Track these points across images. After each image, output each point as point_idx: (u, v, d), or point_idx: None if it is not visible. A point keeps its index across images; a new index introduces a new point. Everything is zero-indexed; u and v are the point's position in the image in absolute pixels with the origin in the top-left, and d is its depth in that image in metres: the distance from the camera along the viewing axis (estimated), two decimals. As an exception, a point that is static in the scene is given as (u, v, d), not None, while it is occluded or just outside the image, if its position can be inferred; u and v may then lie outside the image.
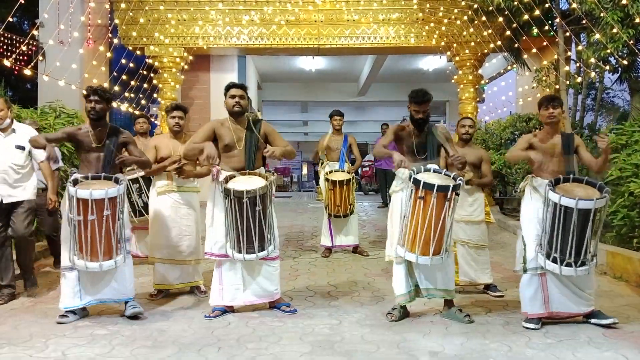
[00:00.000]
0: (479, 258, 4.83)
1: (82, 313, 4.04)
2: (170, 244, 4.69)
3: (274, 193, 4.29)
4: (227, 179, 4.00)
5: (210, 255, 4.18)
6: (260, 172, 4.12)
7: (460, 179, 3.87)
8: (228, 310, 4.17)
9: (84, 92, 4.17)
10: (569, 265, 3.67)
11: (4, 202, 4.45)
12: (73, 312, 3.98)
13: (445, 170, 4.05)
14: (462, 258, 4.81)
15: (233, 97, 4.19)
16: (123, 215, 3.96)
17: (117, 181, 3.91)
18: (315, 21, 10.45)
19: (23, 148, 4.51)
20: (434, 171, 3.96)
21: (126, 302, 4.06)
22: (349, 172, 6.61)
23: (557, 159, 4.05)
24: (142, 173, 5.51)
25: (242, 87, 4.27)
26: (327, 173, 6.61)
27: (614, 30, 7.14)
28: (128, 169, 5.51)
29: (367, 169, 16.16)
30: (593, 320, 3.86)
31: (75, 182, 3.85)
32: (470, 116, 5.14)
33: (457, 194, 3.84)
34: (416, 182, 3.79)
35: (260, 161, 4.27)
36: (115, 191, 3.80)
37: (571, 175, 3.87)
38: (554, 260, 3.71)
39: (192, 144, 4.14)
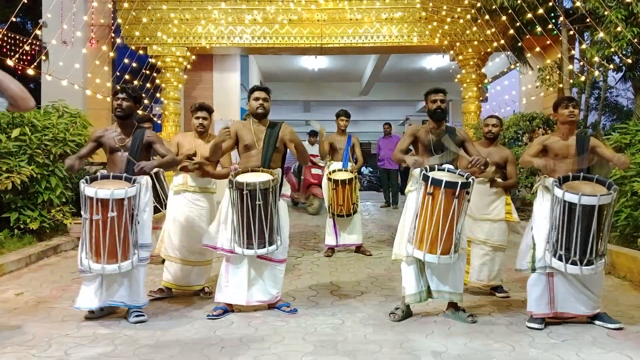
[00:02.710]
0: (495, 259, 4.75)
1: (101, 312, 4.03)
2: (183, 245, 4.67)
3: (287, 194, 4.31)
4: (237, 173, 4.06)
5: (221, 250, 4.19)
6: (272, 171, 4.13)
7: (472, 178, 3.84)
8: (229, 309, 4.17)
9: (116, 88, 4.13)
10: (574, 263, 3.65)
11: None
12: (92, 310, 3.98)
13: (459, 170, 4.02)
14: (478, 259, 4.75)
15: (257, 99, 4.27)
16: (135, 219, 3.85)
17: (127, 180, 3.85)
18: (318, 20, 10.44)
19: None
20: (448, 170, 3.95)
21: (130, 308, 4.00)
22: (352, 172, 6.61)
23: (571, 160, 4.00)
24: None
25: (266, 90, 4.34)
26: (329, 172, 6.62)
27: (618, 29, 7.11)
28: None
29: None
30: (598, 323, 3.84)
31: (93, 180, 3.82)
32: (496, 114, 5.06)
33: (467, 193, 3.82)
34: (425, 179, 3.79)
35: (277, 163, 4.29)
36: (122, 192, 3.71)
37: (581, 174, 3.85)
38: (560, 258, 3.69)
39: (212, 144, 4.26)
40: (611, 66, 8.02)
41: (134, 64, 9.66)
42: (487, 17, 8.94)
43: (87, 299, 3.93)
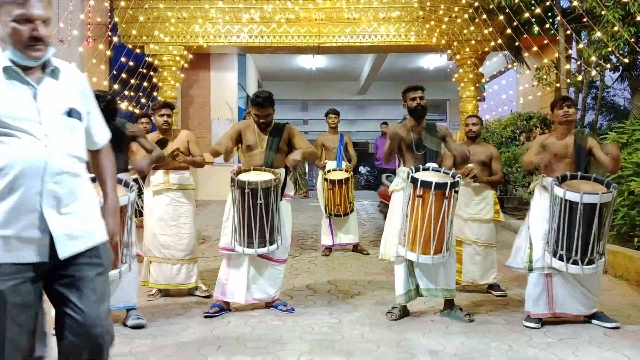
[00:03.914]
0: (487, 257, 4.78)
1: None
2: (168, 244, 4.66)
3: (290, 194, 4.30)
4: (239, 172, 4.05)
5: (222, 249, 4.19)
6: (274, 170, 4.11)
7: (459, 177, 3.86)
8: (225, 308, 4.16)
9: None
10: (575, 263, 3.65)
11: (61, 255, 1.86)
12: None
13: (444, 168, 4.05)
14: (468, 257, 4.77)
15: (258, 116, 4.18)
16: (131, 220, 3.74)
17: (126, 185, 3.67)
18: (316, 19, 10.42)
19: (79, 116, 1.99)
20: (433, 170, 3.96)
21: (128, 310, 3.90)
22: (347, 171, 6.61)
23: (570, 159, 4.01)
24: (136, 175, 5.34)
25: (269, 104, 4.17)
26: (325, 172, 6.61)
27: (615, 29, 7.12)
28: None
29: None
30: (595, 322, 3.85)
31: None
32: (476, 114, 5.13)
33: (456, 192, 3.83)
34: (414, 181, 3.78)
35: (281, 162, 4.26)
36: (125, 199, 3.52)
37: (579, 173, 3.85)
38: (561, 258, 3.69)
39: (216, 145, 4.21)
40: (608, 66, 8.03)
41: (131, 63, 9.64)
42: (484, 16, 8.94)
43: None
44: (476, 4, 9.13)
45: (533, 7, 7.94)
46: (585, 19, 7.65)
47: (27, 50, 1.82)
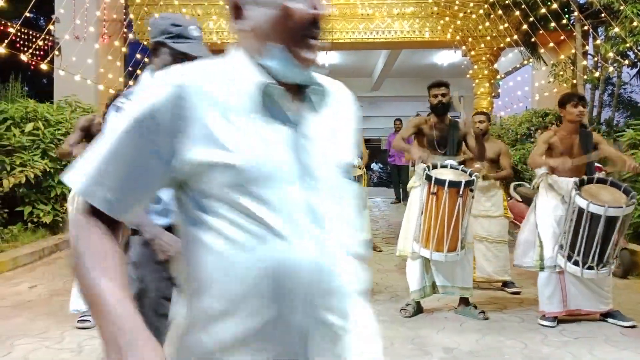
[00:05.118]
0: (499, 254, 4.76)
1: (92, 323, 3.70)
2: None
3: None
4: None
5: None
6: None
7: (476, 175, 3.84)
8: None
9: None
10: (590, 268, 3.62)
11: None
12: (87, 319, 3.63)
13: (462, 166, 4.02)
14: (480, 254, 4.75)
15: None
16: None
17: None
18: (329, 15, 10.39)
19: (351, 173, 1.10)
20: (451, 167, 3.93)
21: None
22: (359, 168, 6.59)
23: (575, 157, 3.96)
24: None
25: None
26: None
27: (634, 24, 7.01)
28: None
29: None
30: (611, 320, 3.82)
31: None
32: (483, 111, 5.08)
33: (472, 190, 3.80)
34: (428, 178, 3.77)
35: None
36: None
37: (595, 176, 3.80)
38: (576, 263, 3.66)
39: None
40: (626, 62, 7.93)
41: (146, 59, 9.70)
42: (500, 12, 8.86)
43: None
44: (491, -1, 9.05)
45: (549, 3, 7.85)
46: (602, 15, 7.55)
47: (301, 50, 1.00)
